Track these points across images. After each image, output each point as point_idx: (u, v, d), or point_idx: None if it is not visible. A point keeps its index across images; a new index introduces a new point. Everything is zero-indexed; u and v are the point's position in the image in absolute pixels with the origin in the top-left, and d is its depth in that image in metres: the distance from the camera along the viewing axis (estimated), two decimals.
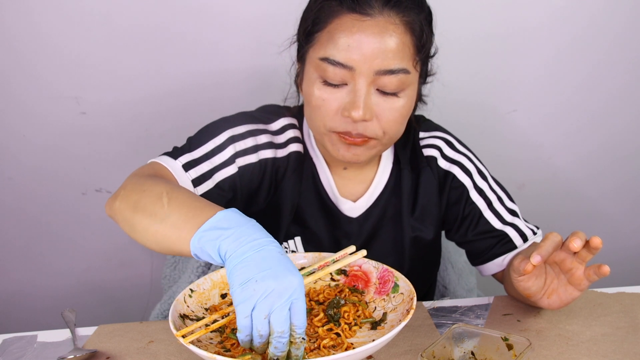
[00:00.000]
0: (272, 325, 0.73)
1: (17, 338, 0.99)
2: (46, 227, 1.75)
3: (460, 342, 0.85)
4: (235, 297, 0.73)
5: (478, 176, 1.15)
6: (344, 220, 1.14)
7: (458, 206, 1.14)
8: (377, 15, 0.95)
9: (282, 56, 1.11)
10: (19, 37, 1.57)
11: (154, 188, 0.91)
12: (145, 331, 0.99)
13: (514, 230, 1.12)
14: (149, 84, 1.63)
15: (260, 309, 0.72)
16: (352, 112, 0.96)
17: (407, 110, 1.01)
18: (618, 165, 1.84)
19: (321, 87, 0.99)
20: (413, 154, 1.16)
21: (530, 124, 1.77)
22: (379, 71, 0.95)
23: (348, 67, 0.95)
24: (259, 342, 0.74)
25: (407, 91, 1.00)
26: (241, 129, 1.09)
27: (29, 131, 1.65)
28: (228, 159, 1.06)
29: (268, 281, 0.72)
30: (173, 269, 1.45)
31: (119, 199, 0.93)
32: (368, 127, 0.99)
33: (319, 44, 0.99)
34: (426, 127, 1.19)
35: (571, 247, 0.85)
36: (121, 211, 0.92)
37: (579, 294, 0.93)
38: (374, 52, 0.94)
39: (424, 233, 1.15)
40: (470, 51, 1.67)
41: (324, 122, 1.01)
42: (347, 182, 1.14)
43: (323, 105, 0.99)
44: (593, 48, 1.71)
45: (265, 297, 0.71)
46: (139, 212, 0.88)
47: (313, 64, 1.00)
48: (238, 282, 0.73)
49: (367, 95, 0.96)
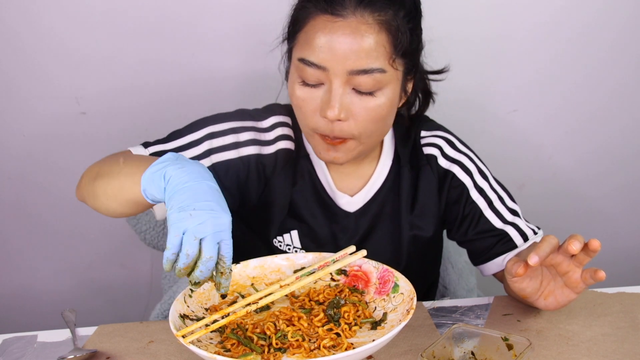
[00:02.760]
0: (202, 249, 0.77)
1: (17, 338, 0.99)
2: (46, 227, 1.75)
3: (460, 342, 0.85)
4: (171, 218, 0.78)
5: (479, 175, 1.15)
6: (341, 215, 1.14)
7: (458, 205, 1.15)
8: (349, 16, 0.96)
9: (273, 54, 1.12)
10: (19, 37, 1.57)
11: (111, 158, 1.01)
12: (145, 331, 0.99)
13: (515, 229, 1.12)
14: (149, 84, 1.63)
15: (191, 232, 0.76)
16: (327, 111, 0.97)
17: (385, 109, 1.01)
18: (618, 165, 1.84)
19: (301, 88, 1.01)
20: (413, 152, 1.16)
21: (530, 124, 1.77)
22: (353, 71, 0.96)
23: (322, 68, 0.97)
24: (184, 264, 0.78)
25: (385, 90, 1.00)
26: (223, 126, 1.12)
27: (29, 131, 1.65)
28: (200, 154, 1.09)
29: (204, 212, 0.77)
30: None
31: (83, 177, 1.02)
32: (344, 128, 0.99)
33: (298, 45, 1.01)
34: (428, 126, 1.19)
35: (570, 249, 0.85)
36: (86, 186, 1.00)
37: (575, 296, 0.93)
38: (346, 52, 0.95)
39: (423, 231, 1.16)
40: (470, 51, 1.67)
41: (306, 122, 1.03)
42: (344, 177, 1.15)
43: (303, 105, 1.01)
44: (593, 48, 1.71)
45: (199, 224, 0.77)
46: (98, 178, 0.97)
47: (294, 64, 1.02)
48: (177, 205, 0.78)
49: (342, 95, 0.97)
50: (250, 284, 0.99)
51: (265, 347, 0.83)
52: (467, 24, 1.64)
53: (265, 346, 0.83)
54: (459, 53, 1.64)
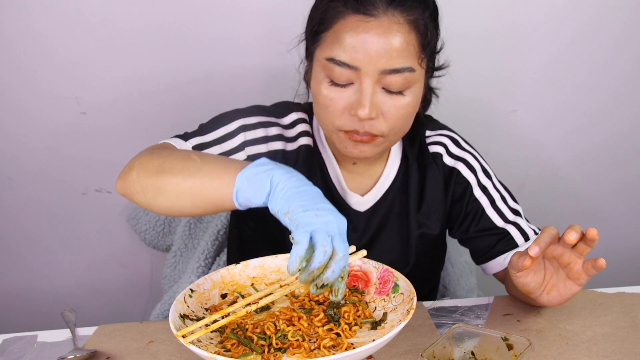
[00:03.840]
0: (335, 247, 0.75)
1: (17, 338, 0.99)
2: (46, 227, 1.75)
3: (461, 342, 0.85)
4: (298, 218, 0.76)
5: (482, 174, 1.16)
6: (352, 214, 1.14)
7: (461, 202, 1.15)
8: (381, 16, 0.96)
9: (290, 54, 1.12)
10: (19, 37, 1.57)
11: (176, 152, 0.94)
12: (145, 331, 0.99)
13: (516, 229, 1.13)
14: (149, 84, 1.63)
15: (323, 230, 0.75)
16: (358, 111, 0.98)
17: (412, 107, 1.02)
18: (618, 164, 1.84)
19: (328, 87, 1.00)
20: (420, 150, 1.17)
21: (531, 123, 1.77)
22: (384, 70, 0.97)
23: (353, 68, 0.97)
24: (321, 262, 0.75)
25: (413, 89, 1.01)
26: (253, 119, 1.12)
27: (28, 131, 1.65)
28: (238, 146, 1.10)
29: (328, 212, 0.77)
30: (173, 269, 1.45)
31: (135, 169, 0.94)
32: (375, 125, 1.00)
33: (325, 44, 1.00)
34: (433, 126, 1.21)
35: (566, 239, 0.86)
36: (140, 180, 0.93)
37: (578, 288, 0.93)
38: (378, 52, 0.96)
39: (431, 229, 1.16)
40: (470, 50, 1.67)
41: (332, 121, 1.02)
42: (355, 177, 1.16)
43: (330, 104, 1.01)
44: (593, 47, 1.71)
45: (327, 222, 0.76)
46: (165, 174, 0.90)
47: (320, 64, 1.01)
48: (300, 207, 0.77)
49: (373, 94, 0.98)
50: (250, 284, 0.99)
51: (265, 347, 0.83)
52: (467, 24, 1.64)
53: (265, 346, 0.84)
54: (460, 52, 1.64)
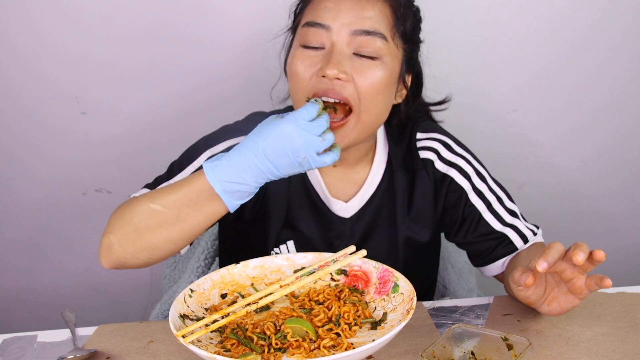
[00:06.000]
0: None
1: (17, 338, 0.99)
2: (46, 227, 1.75)
3: (460, 342, 0.85)
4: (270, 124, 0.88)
5: (477, 178, 1.14)
6: (336, 221, 1.13)
7: (457, 209, 1.14)
8: None
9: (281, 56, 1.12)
10: (19, 37, 1.57)
11: (136, 210, 0.96)
12: (145, 331, 0.99)
13: (514, 231, 1.12)
14: (149, 84, 1.63)
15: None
16: (326, 69, 0.97)
17: (384, 82, 1.01)
18: (618, 165, 1.84)
19: (301, 52, 1.02)
20: (408, 154, 1.15)
21: (530, 124, 1.77)
22: (355, 31, 0.99)
23: (325, 27, 0.99)
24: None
25: (385, 60, 1.01)
26: (219, 147, 1.10)
27: (29, 131, 1.65)
28: None
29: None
30: (173, 269, 1.45)
31: (115, 243, 0.97)
32: (345, 87, 0.99)
33: (304, 17, 1.04)
34: (424, 127, 1.18)
35: (574, 260, 0.83)
36: (126, 249, 0.96)
37: (579, 302, 0.92)
38: (349, 13, 0.99)
39: (419, 236, 1.15)
40: (470, 51, 1.67)
41: (304, 87, 1.01)
42: (338, 183, 1.14)
43: (302, 69, 1.01)
44: (593, 48, 1.71)
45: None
46: (146, 234, 0.95)
47: (298, 34, 1.04)
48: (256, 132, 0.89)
49: (342, 55, 0.99)
50: (250, 284, 0.99)
51: (265, 347, 0.83)
52: (467, 24, 1.64)
53: (265, 346, 0.83)
54: (460, 53, 1.64)
